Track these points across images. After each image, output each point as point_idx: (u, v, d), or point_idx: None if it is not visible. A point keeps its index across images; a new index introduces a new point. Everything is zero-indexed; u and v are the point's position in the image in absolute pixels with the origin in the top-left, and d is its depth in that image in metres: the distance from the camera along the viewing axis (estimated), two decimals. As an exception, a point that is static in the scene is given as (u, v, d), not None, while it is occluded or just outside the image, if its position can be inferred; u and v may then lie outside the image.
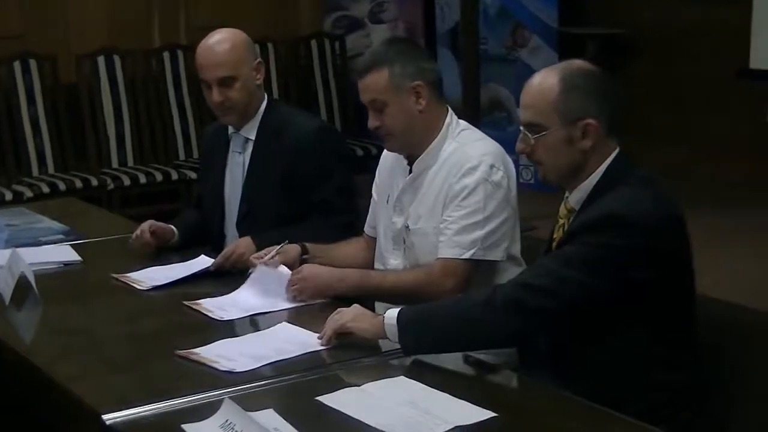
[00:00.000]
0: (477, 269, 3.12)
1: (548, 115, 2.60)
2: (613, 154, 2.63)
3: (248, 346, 2.76)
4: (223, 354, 2.68)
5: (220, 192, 3.78)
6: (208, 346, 2.73)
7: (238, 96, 3.59)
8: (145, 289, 3.30)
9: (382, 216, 3.38)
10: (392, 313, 2.60)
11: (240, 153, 3.73)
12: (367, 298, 3.13)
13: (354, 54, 8.18)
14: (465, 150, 3.17)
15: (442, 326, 2.59)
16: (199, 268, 3.45)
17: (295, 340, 2.79)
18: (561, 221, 2.72)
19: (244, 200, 3.72)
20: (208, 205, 3.86)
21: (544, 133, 2.60)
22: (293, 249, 3.30)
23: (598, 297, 2.49)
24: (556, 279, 2.50)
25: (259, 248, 3.39)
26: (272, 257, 3.23)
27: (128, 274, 3.42)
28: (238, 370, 2.59)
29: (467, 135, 3.24)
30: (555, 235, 2.73)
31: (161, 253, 3.66)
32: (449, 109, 3.28)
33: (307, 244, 3.34)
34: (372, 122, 3.19)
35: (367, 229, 3.51)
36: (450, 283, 3.08)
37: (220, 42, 3.60)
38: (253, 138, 3.69)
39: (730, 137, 7.57)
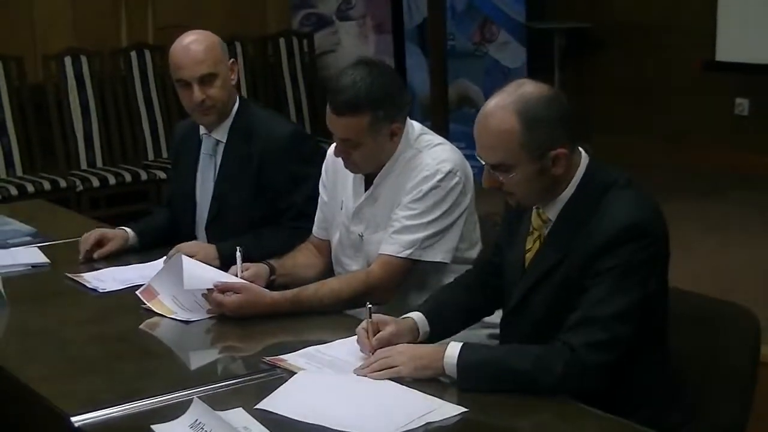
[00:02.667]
0: (417, 267, 3.13)
1: (515, 153, 2.49)
2: (584, 162, 2.58)
3: (334, 352, 2.67)
4: (310, 361, 2.61)
5: (191, 193, 3.77)
6: (293, 353, 2.66)
7: (218, 93, 3.58)
8: (101, 291, 3.29)
9: (336, 223, 3.36)
10: (453, 352, 2.45)
11: (211, 155, 3.71)
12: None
13: (322, 52, 8.17)
14: (422, 157, 3.15)
15: (500, 378, 2.42)
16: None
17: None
18: (536, 233, 2.66)
19: (214, 203, 3.70)
20: (178, 206, 3.84)
21: (513, 173, 2.51)
22: (263, 270, 3.25)
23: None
24: (618, 323, 2.42)
25: (226, 258, 3.39)
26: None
27: (83, 274, 3.41)
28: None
29: (425, 140, 3.21)
30: (529, 246, 2.68)
31: (120, 256, 3.64)
32: (408, 119, 3.22)
33: (274, 264, 3.29)
34: (338, 152, 3.12)
35: (317, 231, 3.47)
36: (387, 280, 3.10)
37: (197, 41, 3.59)
38: (224, 140, 3.68)
39: (698, 129, 7.62)
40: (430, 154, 3.15)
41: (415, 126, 3.23)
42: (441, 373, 2.47)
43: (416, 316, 2.75)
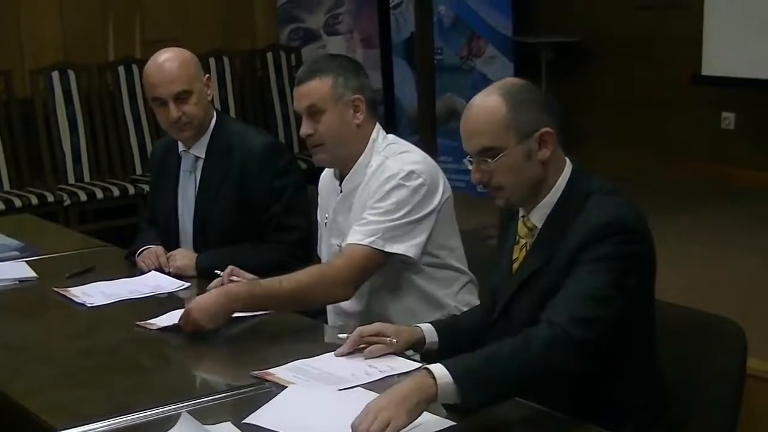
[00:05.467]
0: (387, 265, 3.12)
1: (502, 135, 2.53)
2: (569, 169, 2.60)
3: (326, 366, 2.66)
4: (298, 375, 2.60)
5: (173, 211, 3.78)
6: (282, 366, 2.65)
7: (194, 110, 3.60)
8: (89, 305, 3.28)
9: (323, 237, 3.40)
10: (440, 370, 2.29)
11: (191, 172, 3.73)
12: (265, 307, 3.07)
13: (310, 66, 8.18)
14: (388, 163, 3.18)
15: (501, 374, 2.35)
16: (148, 284, 3.48)
17: (378, 363, 2.67)
18: (522, 241, 2.67)
19: (197, 219, 3.72)
20: (161, 224, 3.84)
21: (502, 155, 2.53)
22: None
23: (623, 309, 2.45)
24: (597, 304, 2.41)
25: (203, 270, 3.46)
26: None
27: (70, 289, 3.41)
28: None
29: (393, 148, 3.24)
30: (515, 255, 2.69)
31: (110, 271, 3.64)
32: (377, 123, 3.28)
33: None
34: (305, 129, 3.18)
35: (318, 251, 3.50)
36: (347, 270, 3.08)
37: (171, 59, 3.61)
38: (203, 156, 3.69)
39: (684, 143, 7.65)
40: (397, 159, 3.18)
41: (387, 136, 3.28)
42: (434, 400, 2.29)
43: (425, 326, 2.78)
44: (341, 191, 3.27)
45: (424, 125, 7.20)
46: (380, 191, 3.14)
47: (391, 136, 3.29)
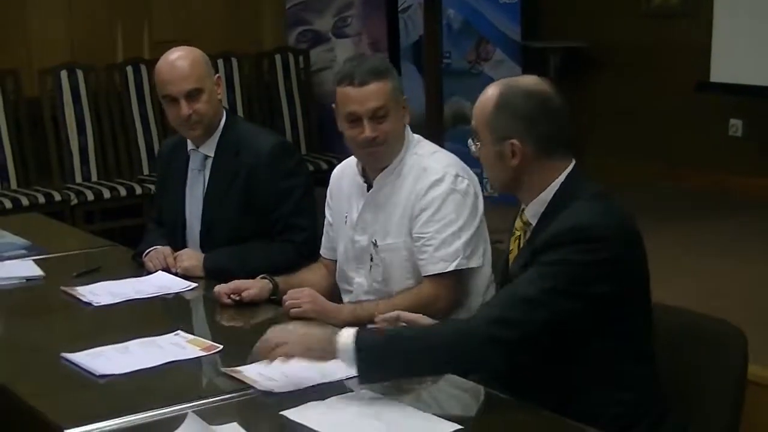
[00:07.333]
0: (460, 279, 3.16)
1: (483, 127, 2.61)
2: (567, 170, 2.60)
3: (293, 366, 2.62)
4: (264, 373, 2.60)
5: (180, 210, 3.79)
6: (253, 364, 2.64)
7: (205, 108, 3.62)
8: (96, 305, 3.29)
9: (341, 236, 3.38)
10: (347, 337, 2.43)
11: (200, 170, 3.74)
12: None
13: (318, 69, 8.18)
14: (426, 162, 3.19)
15: (410, 355, 2.45)
16: (155, 285, 3.48)
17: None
18: (517, 233, 2.71)
19: (204, 219, 3.72)
20: (168, 223, 3.85)
21: (479, 143, 2.63)
22: (265, 286, 3.29)
23: (567, 316, 2.45)
24: (527, 308, 2.44)
25: (210, 270, 3.48)
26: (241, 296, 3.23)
27: (77, 288, 3.41)
28: (276, 391, 2.53)
29: (424, 147, 3.27)
30: (511, 246, 2.73)
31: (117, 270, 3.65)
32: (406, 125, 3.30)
33: (278, 280, 3.33)
34: (370, 132, 3.13)
35: (324, 252, 3.51)
36: (441, 300, 3.13)
37: (182, 57, 3.63)
38: (212, 155, 3.71)
39: (692, 149, 7.63)
40: (434, 160, 3.21)
41: (414, 134, 3.30)
42: (333, 357, 2.44)
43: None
44: (369, 188, 3.27)
45: (431, 129, 7.17)
46: (431, 200, 3.12)
47: (416, 135, 3.31)
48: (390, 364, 2.46)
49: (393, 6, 8.30)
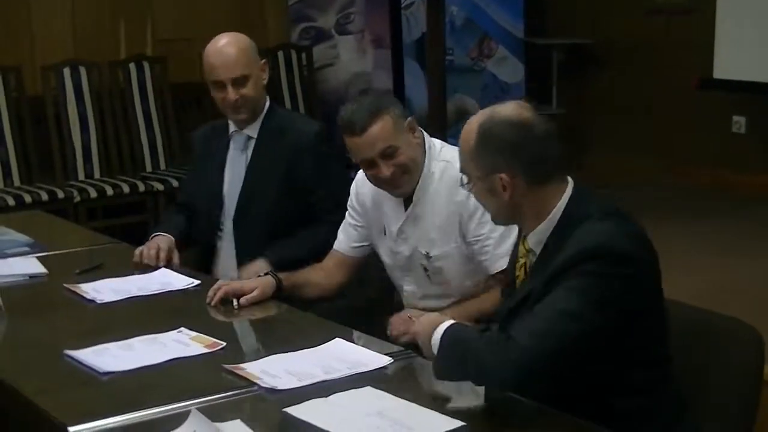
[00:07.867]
0: None
1: (469, 165, 2.57)
2: (567, 193, 2.55)
3: (295, 362, 2.68)
4: (267, 370, 2.62)
5: (218, 190, 3.88)
6: (256, 361, 2.67)
7: (251, 93, 3.75)
8: (99, 302, 3.29)
9: (382, 247, 3.43)
10: (440, 332, 2.46)
11: (242, 151, 3.85)
12: None
13: (321, 65, 8.18)
14: (457, 170, 3.18)
15: (465, 361, 2.41)
16: (158, 281, 3.48)
17: (346, 358, 2.71)
18: (522, 260, 2.66)
19: (244, 193, 3.82)
20: (202, 203, 3.93)
21: (471, 182, 2.59)
22: (268, 286, 3.28)
23: (600, 327, 2.41)
24: (567, 319, 2.38)
25: (276, 263, 3.51)
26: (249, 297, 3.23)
27: (81, 285, 3.41)
28: (279, 388, 2.53)
29: (447, 152, 3.28)
30: (517, 273, 2.69)
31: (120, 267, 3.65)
32: (423, 131, 3.30)
33: (282, 279, 3.32)
34: (387, 171, 3.16)
35: (346, 248, 3.50)
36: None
37: (231, 44, 3.78)
38: (255, 136, 3.83)
39: (695, 146, 7.64)
40: None
41: (432, 139, 3.32)
42: (428, 344, 2.48)
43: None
44: (408, 202, 3.28)
45: (434, 126, 7.17)
46: (474, 202, 3.01)
47: (436, 140, 3.33)
48: (456, 365, 2.43)
49: (396, 2, 8.30)
